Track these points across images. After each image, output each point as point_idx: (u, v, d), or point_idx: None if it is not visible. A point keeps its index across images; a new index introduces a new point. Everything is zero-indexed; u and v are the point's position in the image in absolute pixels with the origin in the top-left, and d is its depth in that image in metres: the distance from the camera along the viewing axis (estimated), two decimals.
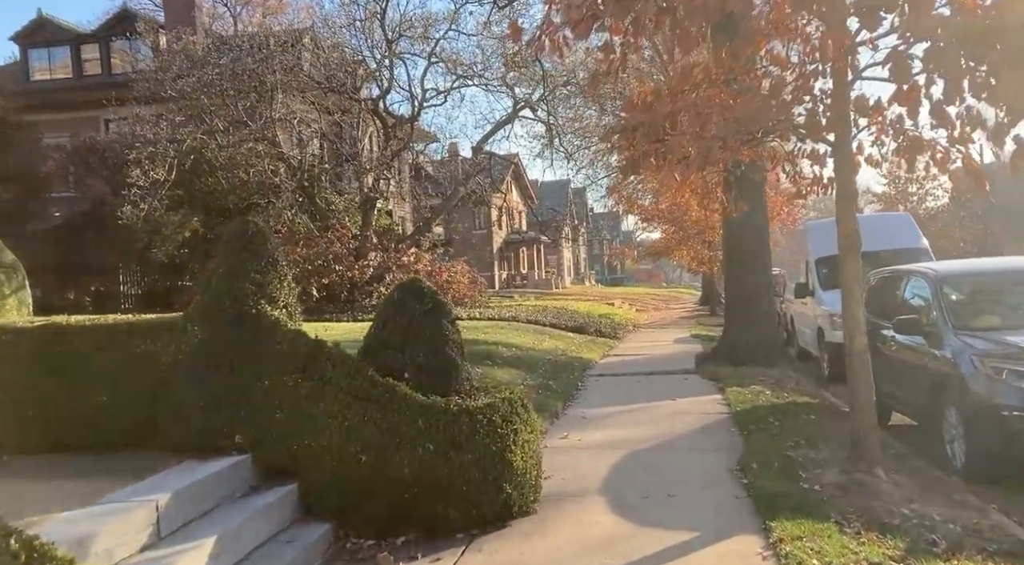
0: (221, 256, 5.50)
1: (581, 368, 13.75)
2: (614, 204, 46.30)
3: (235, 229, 5.57)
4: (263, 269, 5.49)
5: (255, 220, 5.71)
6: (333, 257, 21.00)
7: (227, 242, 5.52)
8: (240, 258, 5.44)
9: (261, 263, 5.50)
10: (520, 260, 57.25)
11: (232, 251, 5.47)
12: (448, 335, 5.76)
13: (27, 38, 31.95)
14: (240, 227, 5.56)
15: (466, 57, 23.66)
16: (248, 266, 5.43)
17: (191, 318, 5.38)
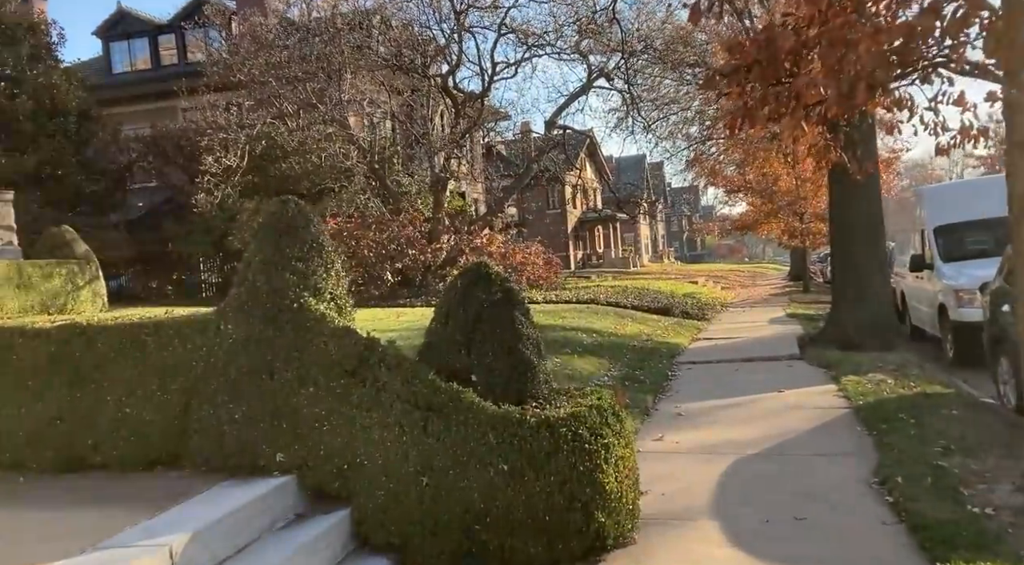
0: (257, 242, 4.72)
1: (669, 355, 12.66)
2: (694, 177, 44.49)
3: (272, 210, 4.77)
4: (306, 256, 4.68)
5: (295, 199, 4.90)
6: (406, 241, 20.37)
7: (264, 225, 4.73)
8: (279, 244, 4.64)
9: (304, 249, 4.69)
10: (596, 239, 55.96)
11: (270, 236, 4.67)
12: (522, 329, 4.83)
13: (108, 31, 32.45)
14: (278, 207, 4.75)
15: (537, 25, 22.56)
16: (288, 253, 4.63)
17: (224, 315, 4.62)
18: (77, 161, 24.02)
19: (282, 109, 21.14)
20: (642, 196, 54.21)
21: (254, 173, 22.95)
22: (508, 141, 33.86)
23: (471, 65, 23.44)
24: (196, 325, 4.64)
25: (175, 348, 4.59)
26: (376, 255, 19.97)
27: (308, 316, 4.52)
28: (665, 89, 29.69)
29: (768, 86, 4.78)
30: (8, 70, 22.96)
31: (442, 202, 21.92)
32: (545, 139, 24.36)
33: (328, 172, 22.49)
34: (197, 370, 4.54)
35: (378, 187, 22.04)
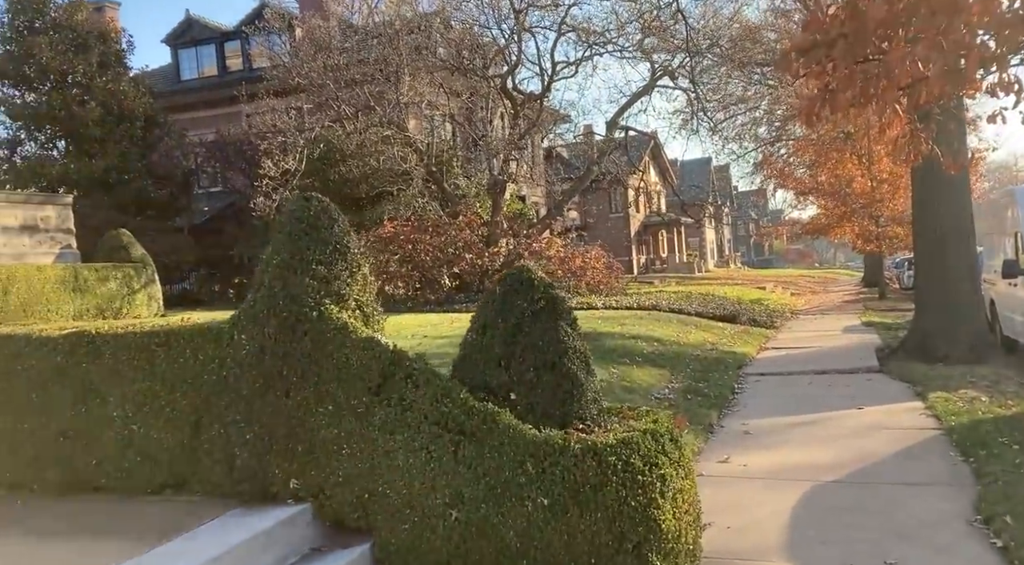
0: (275, 243, 4.30)
1: (736, 365, 11.90)
2: (763, 180, 43.19)
3: (293, 208, 4.34)
4: (329, 259, 4.23)
5: (318, 195, 4.47)
6: (463, 244, 20.00)
7: (283, 225, 4.31)
8: (299, 245, 4.21)
9: (327, 251, 4.25)
10: (659, 243, 54.83)
11: (289, 236, 4.24)
12: (567, 342, 4.29)
13: (176, 39, 33.11)
14: (299, 205, 4.32)
15: (598, 23, 21.95)
16: (309, 255, 4.19)
17: (238, 324, 4.20)
18: (143, 166, 24.42)
19: (340, 112, 21.05)
20: (707, 199, 52.92)
21: (314, 177, 22.94)
22: (569, 144, 33.29)
23: (531, 65, 23.07)
24: (209, 335, 4.24)
25: (186, 360, 4.20)
26: (433, 259, 19.65)
27: (329, 325, 4.07)
28: (732, 89, 28.76)
29: (854, 64, 4.14)
30: (78, 77, 23.46)
31: (500, 205, 21.48)
32: (606, 141, 23.70)
33: (386, 175, 22.32)
34: (209, 385, 4.14)
35: (436, 190, 21.74)
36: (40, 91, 23.69)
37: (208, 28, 32.68)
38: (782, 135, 37.02)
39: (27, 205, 13.37)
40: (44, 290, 11.77)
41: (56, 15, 23.85)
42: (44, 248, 13.32)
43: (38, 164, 23.18)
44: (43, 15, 23.84)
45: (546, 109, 22.83)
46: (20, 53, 23.14)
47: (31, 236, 13.09)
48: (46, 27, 23.64)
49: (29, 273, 11.62)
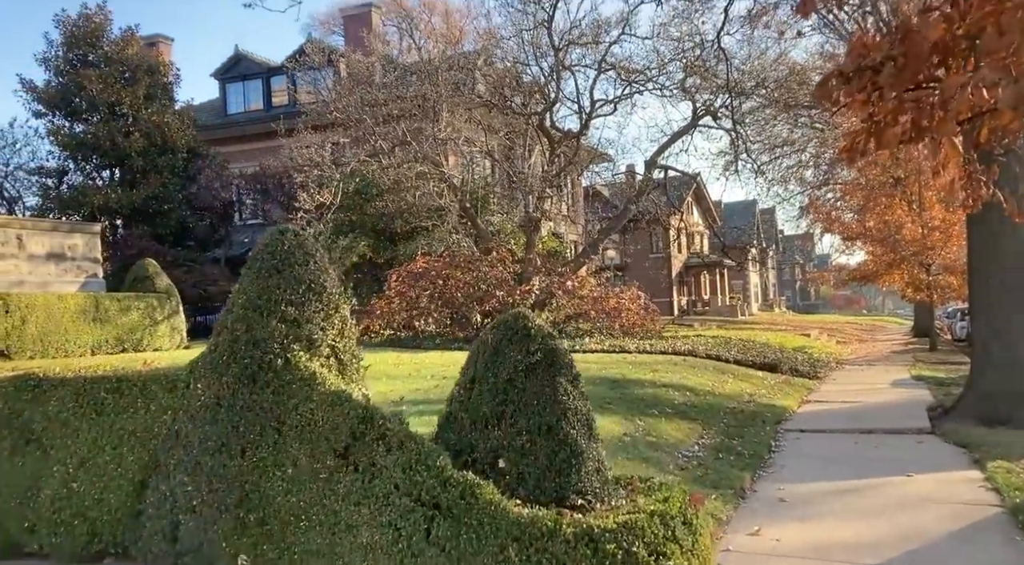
0: (243, 280, 3.86)
1: (774, 420, 11.14)
2: (809, 224, 42.18)
3: (266, 241, 3.90)
4: (301, 299, 3.78)
5: (294, 228, 4.02)
6: (495, 281, 19.55)
7: (253, 260, 3.86)
8: (268, 284, 3.77)
9: (299, 290, 3.80)
10: (701, 285, 53.80)
11: (258, 273, 3.81)
12: (566, 401, 3.76)
13: (225, 74, 33.73)
14: (273, 237, 3.90)
15: (639, 61, 21.61)
16: (279, 295, 3.75)
17: (195, 371, 3.76)
18: (183, 196, 24.63)
19: (376, 146, 20.95)
20: (751, 242, 51.92)
21: (351, 211, 22.87)
22: (609, 183, 32.89)
23: (569, 103, 22.82)
24: (164, 382, 3.81)
25: (136, 410, 3.77)
26: (464, 295, 19.23)
27: (295, 375, 3.60)
28: (777, 130, 28.17)
29: (904, 92, 3.59)
30: (125, 109, 23.85)
31: (534, 243, 21.06)
32: (644, 180, 23.21)
33: (421, 211, 22.13)
34: (159, 439, 3.69)
35: (469, 226, 21.43)
36: (88, 122, 24.13)
37: (255, 63, 33.23)
38: (829, 179, 36.14)
39: (55, 233, 13.35)
40: (63, 320, 11.62)
41: (108, 49, 24.38)
42: (69, 276, 13.23)
43: (81, 193, 23.52)
44: (96, 49, 24.38)
45: (584, 147, 22.48)
46: (72, 85, 23.65)
47: (57, 264, 13.02)
48: (98, 60, 24.15)
49: (49, 302, 11.49)
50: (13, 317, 10.65)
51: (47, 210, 23.85)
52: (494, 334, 3.92)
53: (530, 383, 3.76)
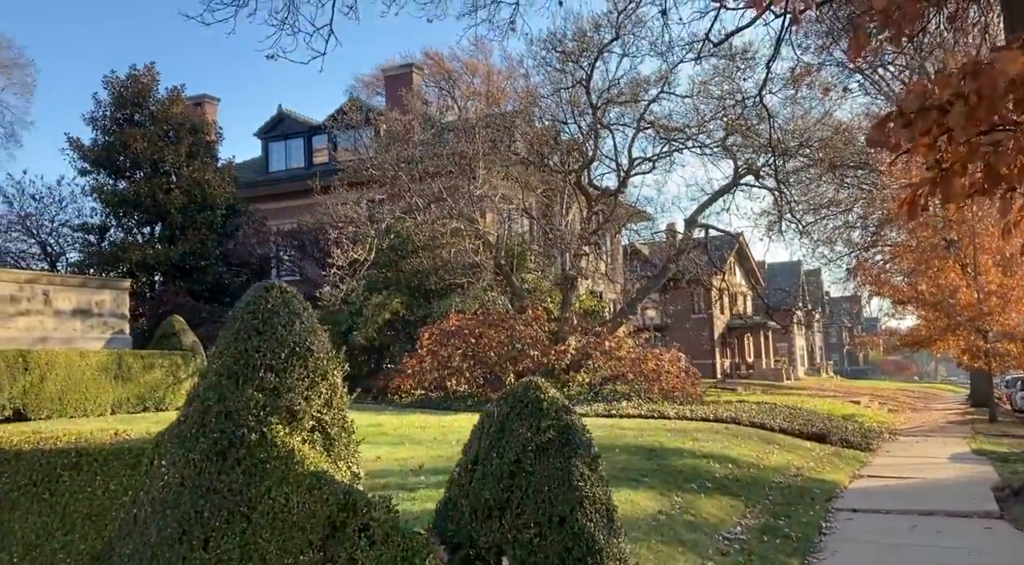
0: (220, 342, 3.44)
1: (824, 497, 10.31)
2: (856, 286, 41.03)
3: (248, 298, 3.50)
4: (284, 365, 3.36)
5: (281, 284, 3.62)
6: (530, 341, 19.03)
7: (232, 320, 3.46)
8: (246, 346, 3.35)
9: (281, 354, 3.37)
10: (745, 347, 52.50)
11: (236, 335, 3.40)
12: (583, 488, 3.24)
13: (268, 133, 34.40)
14: (256, 294, 3.51)
15: (678, 120, 21.30)
16: (258, 359, 3.32)
17: (161, 446, 3.32)
18: (221, 252, 24.78)
19: (412, 203, 20.85)
20: (796, 304, 50.71)
21: (387, 268, 22.73)
22: (650, 242, 32.43)
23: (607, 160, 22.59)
24: (127, 457, 3.39)
25: (94, 489, 3.35)
26: (497, 355, 18.73)
27: (270, 452, 3.15)
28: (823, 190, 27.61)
29: (977, 135, 3.10)
30: (167, 166, 24.26)
31: (570, 301, 20.57)
32: (684, 238, 22.68)
33: (456, 267, 21.88)
34: (115, 524, 3.24)
35: (504, 284, 21.06)
36: (131, 179, 24.59)
37: (297, 122, 33.82)
38: (877, 240, 35.21)
39: (83, 289, 13.26)
40: (84, 377, 11.38)
41: (154, 108, 24.97)
42: (95, 333, 13.10)
43: (121, 249, 23.80)
44: (142, 108, 24.99)
45: (622, 205, 22.13)
46: (117, 143, 24.19)
47: (83, 320, 12.90)
48: (144, 119, 24.72)
49: (70, 359, 11.28)
50: (32, 375, 10.44)
51: (88, 266, 24.16)
52: (500, 406, 3.43)
53: (540, 466, 3.25)
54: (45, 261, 26.24)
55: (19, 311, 11.51)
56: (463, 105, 26.20)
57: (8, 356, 10.40)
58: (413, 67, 31.39)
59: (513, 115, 23.05)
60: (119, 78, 24.95)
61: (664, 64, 21.20)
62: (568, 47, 20.05)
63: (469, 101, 25.57)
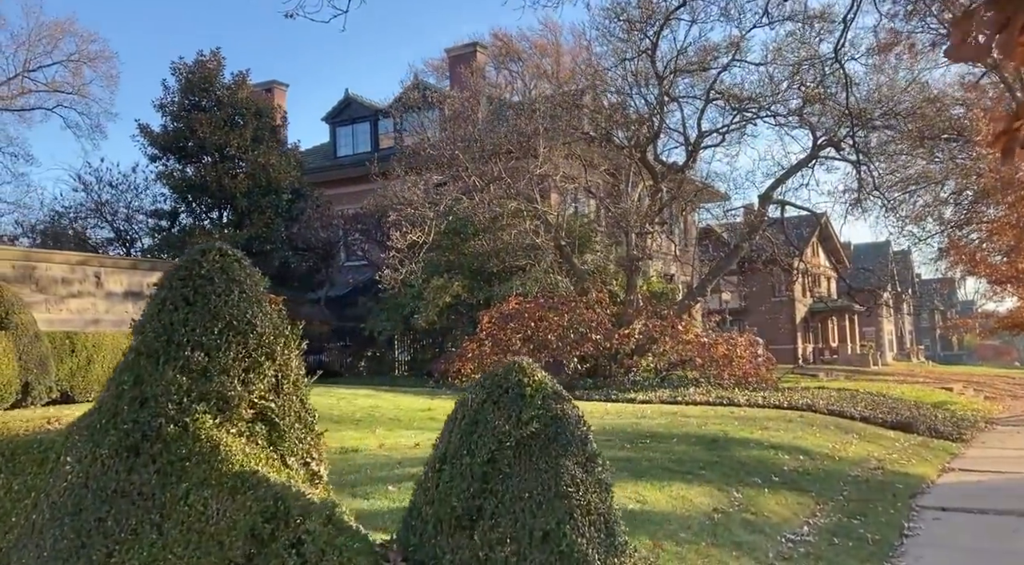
0: (144, 314, 2.90)
1: (907, 493, 9.31)
2: (948, 266, 38.59)
3: (179, 263, 2.95)
4: (217, 341, 2.80)
5: (222, 246, 3.07)
6: (595, 324, 18.28)
7: (159, 288, 2.91)
8: (171, 320, 2.80)
9: (215, 329, 2.82)
10: (828, 332, 50.30)
11: (161, 306, 2.85)
12: (573, 495, 2.59)
13: (335, 117, 34.51)
14: (189, 258, 2.95)
15: (751, 89, 20.05)
16: (184, 335, 2.76)
17: (70, 439, 2.81)
18: (286, 237, 24.82)
19: (471, 184, 20.32)
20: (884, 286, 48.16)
21: (449, 251, 22.34)
22: (728, 224, 31.08)
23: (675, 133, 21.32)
24: (36, 451, 2.89)
25: None
26: (558, 338, 18.07)
27: (192, 447, 2.61)
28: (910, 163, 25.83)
29: None
30: (232, 151, 24.38)
31: (635, 284, 19.70)
32: (757, 215, 21.43)
33: (518, 250, 21.29)
34: (15, 532, 2.76)
35: (566, 266, 20.35)
36: (198, 164, 24.82)
37: (364, 106, 33.75)
38: (972, 217, 32.89)
39: (134, 271, 13.22)
40: None
41: (220, 93, 25.11)
42: None
43: (188, 234, 24.07)
44: (209, 94, 25.16)
45: (690, 181, 21.06)
46: (185, 129, 24.43)
47: (135, 302, 12.85)
48: (210, 105, 24.90)
49: (117, 341, 11.18)
50: (79, 357, 10.38)
51: (160, 251, 24.56)
52: (476, 393, 2.80)
53: (520, 467, 2.61)
54: (121, 247, 26.88)
55: (71, 293, 11.52)
56: (530, 85, 25.49)
57: (56, 338, 10.36)
58: (477, 46, 30.82)
59: (578, 93, 22.21)
60: (186, 64, 25.18)
61: (736, 29, 19.90)
62: (632, 15, 19.06)
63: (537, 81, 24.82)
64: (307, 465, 2.92)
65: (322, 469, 2.91)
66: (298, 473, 2.82)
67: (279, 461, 2.80)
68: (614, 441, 9.63)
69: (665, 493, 7.09)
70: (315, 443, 3.03)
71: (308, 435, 3.00)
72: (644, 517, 6.27)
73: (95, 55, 41.15)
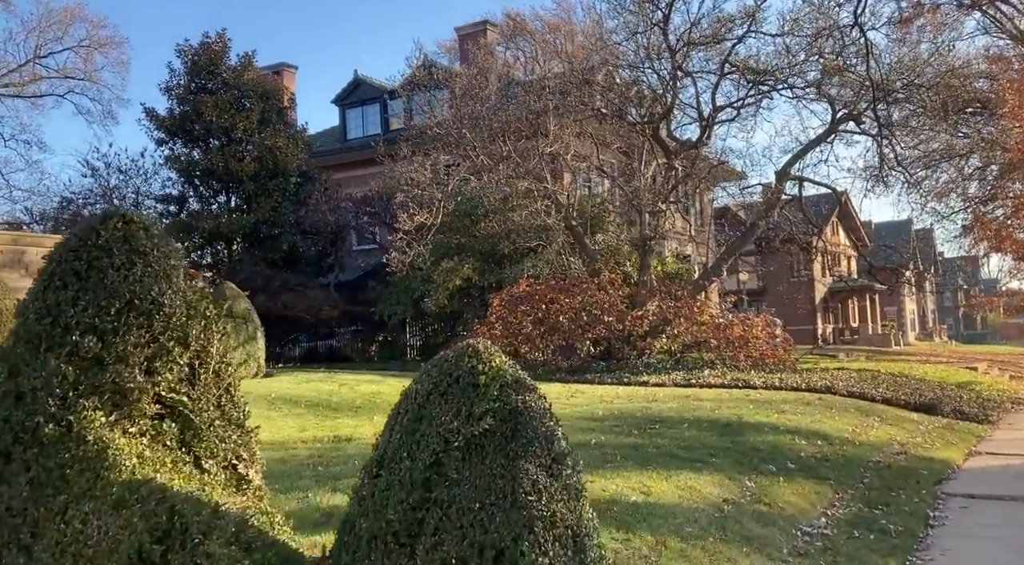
0: (28, 293, 2.47)
1: (932, 479, 8.81)
2: (972, 243, 37.64)
3: (75, 232, 2.51)
4: (112, 325, 2.36)
5: (128, 212, 2.63)
6: (608, 305, 17.77)
7: (49, 261, 2.47)
8: (57, 299, 2.36)
9: (110, 310, 2.38)
10: (849, 312, 49.46)
11: (49, 281, 2.41)
12: (534, 505, 2.14)
13: (344, 99, 34.05)
14: (83, 227, 2.51)
15: (766, 61, 19.31)
16: (72, 316, 2.33)
17: None
18: (295, 221, 24.46)
19: (479, 163, 19.80)
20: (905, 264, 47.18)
21: (460, 233, 21.89)
22: (746, 204, 30.34)
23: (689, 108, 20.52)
24: None
25: None
26: (569, 321, 17.59)
27: (77, 451, 2.17)
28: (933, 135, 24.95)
29: None
30: (239, 133, 24.00)
31: (648, 264, 19.15)
32: (775, 192, 20.74)
33: (529, 231, 20.79)
34: None
35: (577, 247, 19.83)
36: (205, 148, 24.49)
37: (374, 87, 33.22)
38: (998, 192, 31.91)
39: None
40: None
41: (226, 75, 24.71)
42: None
43: (195, 218, 23.79)
44: (215, 76, 24.77)
45: (704, 158, 20.40)
46: (191, 112, 24.08)
47: None
48: (216, 87, 24.52)
49: None
50: None
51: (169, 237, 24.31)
52: (422, 382, 2.34)
53: (471, 471, 2.17)
54: None
55: None
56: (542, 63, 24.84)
57: None
58: (487, 24, 30.19)
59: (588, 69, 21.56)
60: (191, 46, 24.79)
61: None
62: None
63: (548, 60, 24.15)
64: (231, 468, 2.49)
65: (252, 472, 2.49)
66: (217, 478, 2.39)
67: (192, 465, 2.37)
68: (621, 426, 9.18)
69: (672, 483, 6.64)
70: (244, 442, 2.60)
71: (234, 433, 2.56)
72: (648, 510, 5.82)
73: (106, 41, 40.82)
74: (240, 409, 2.63)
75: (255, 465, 2.61)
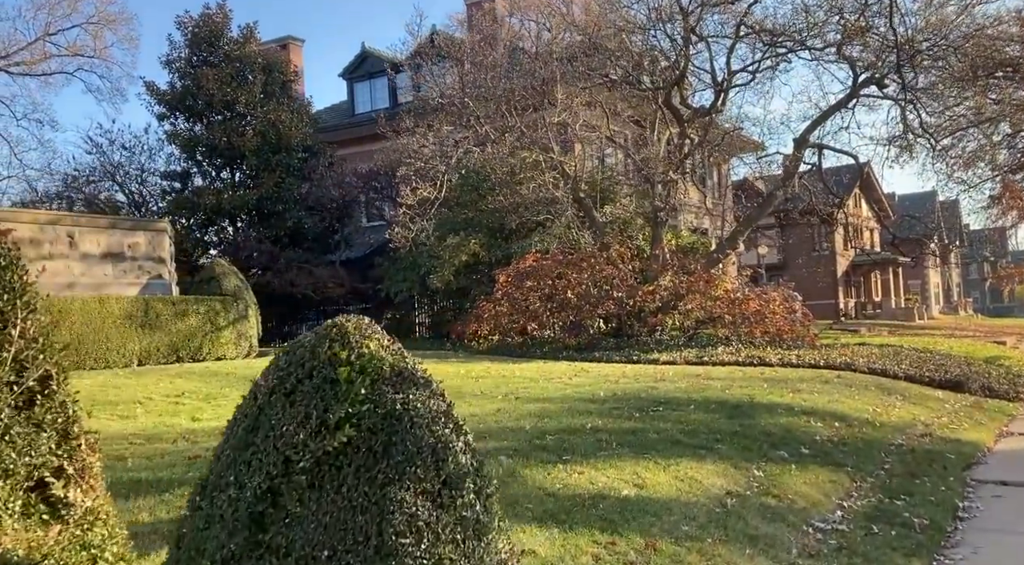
0: None
1: (960, 463, 8.11)
2: (1000, 214, 36.41)
3: None
4: None
5: None
6: (617, 281, 17.08)
7: None
8: None
9: None
10: (872, 286, 48.30)
11: None
12: (408, 550, 1.48)
13: (352, 73, 33.28)
14: None
15: (782, 20, 18.33)
16: None
17: None
18: (299, 197, 23.89)
19: (484, 133, 19.06)
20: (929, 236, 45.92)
21: (467, 208, 21.24)
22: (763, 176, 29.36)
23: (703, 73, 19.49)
24: None
25: None
26: (578, 296, 16.93)
27: None
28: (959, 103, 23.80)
29: None
30: (241, 107, 23.42)
31: (660, 237, 18.40)
32: (793, 160, 19.81)
33: (537, 204, 20.08)
34: None
35: (586, 220, 19.11)
36: (207, 122, 23.93)
37: (381, 60, 32.40)
38: None
39: (113, 231, 12.32)
40: (104, 326, 10.45)
41: (227, 48, 24.07)
42: (129, 278, 12.16)
43: (197, 194, 23.29)
44: (216, 48, 24.14)
45: (719, 126, 19.51)
46: (192, 86, 23.49)
47: (115, 265, 11.97)
48: (218, 60, 23.89)
49: (87, 306, 10.35)
50: None
51: (170, 213, 23.82)
52: (267, 377, 1.71)
53: (321, 503, 1.54)
54: (135, 210, 26.22)
55: (40, 255, 10.70)
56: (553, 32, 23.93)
57: None
58: None
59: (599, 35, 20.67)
60: (192, 17, 24.15)
61: None
62: None
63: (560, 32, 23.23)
64: (41, 488, 1.90)
65: (76, 492, 1.89)
66: (14, 504, 1.80)
67: None
68: (622, 409, 8.55)
69: (670, 473, 6.02)
70: (68, 453, 2.00)
71: (47, 442, 1.97)
72: (640, 506, 5.21)
73: (114, 17, 40.29)
74: (63, 411, 2.03)
75: (87, 482, 2.01)
